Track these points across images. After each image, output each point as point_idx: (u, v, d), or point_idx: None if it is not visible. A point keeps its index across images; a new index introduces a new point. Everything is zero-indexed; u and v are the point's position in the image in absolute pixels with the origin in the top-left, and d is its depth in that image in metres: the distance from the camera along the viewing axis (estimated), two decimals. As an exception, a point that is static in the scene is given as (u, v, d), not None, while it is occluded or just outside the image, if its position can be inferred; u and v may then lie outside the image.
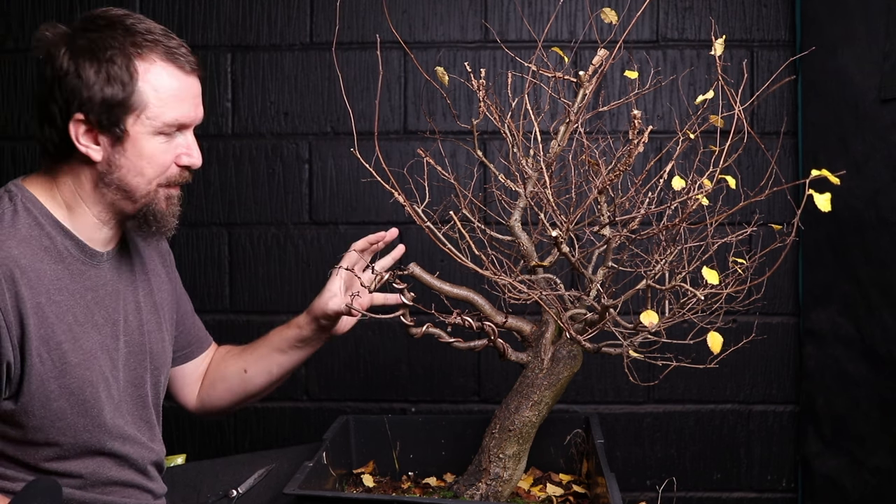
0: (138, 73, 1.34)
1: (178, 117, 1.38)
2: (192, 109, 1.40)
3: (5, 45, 2.33)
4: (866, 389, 1.92)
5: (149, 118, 1.35)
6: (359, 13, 2.31)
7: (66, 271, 1.36)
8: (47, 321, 1.32)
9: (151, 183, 1.38)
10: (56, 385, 1.33)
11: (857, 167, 1.90)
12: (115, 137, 1.35)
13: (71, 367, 1.34)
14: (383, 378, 2.33)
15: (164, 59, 1.37)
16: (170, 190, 1.42)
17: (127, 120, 1.34)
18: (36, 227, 1.35)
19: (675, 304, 1.41)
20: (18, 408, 1.31)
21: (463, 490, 1.55)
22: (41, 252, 1.34)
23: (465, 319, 1.48)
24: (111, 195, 1.38)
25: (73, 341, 1.35)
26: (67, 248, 1.38)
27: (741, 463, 2.31)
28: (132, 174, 1.37)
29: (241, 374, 1.70)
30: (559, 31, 2.30)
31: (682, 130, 1.48)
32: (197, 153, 1.42)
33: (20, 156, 2.34)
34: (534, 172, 1.53)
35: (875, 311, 1.87)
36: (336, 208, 2.33)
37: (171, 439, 2.33)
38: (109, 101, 1.32)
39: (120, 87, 1.33)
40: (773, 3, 2.27)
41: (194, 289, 2.30)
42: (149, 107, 1.35)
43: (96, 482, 1.41)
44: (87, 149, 1.35)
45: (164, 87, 1.36)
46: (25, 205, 1.36)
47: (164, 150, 1.38)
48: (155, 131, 1.36)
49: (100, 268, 1.43)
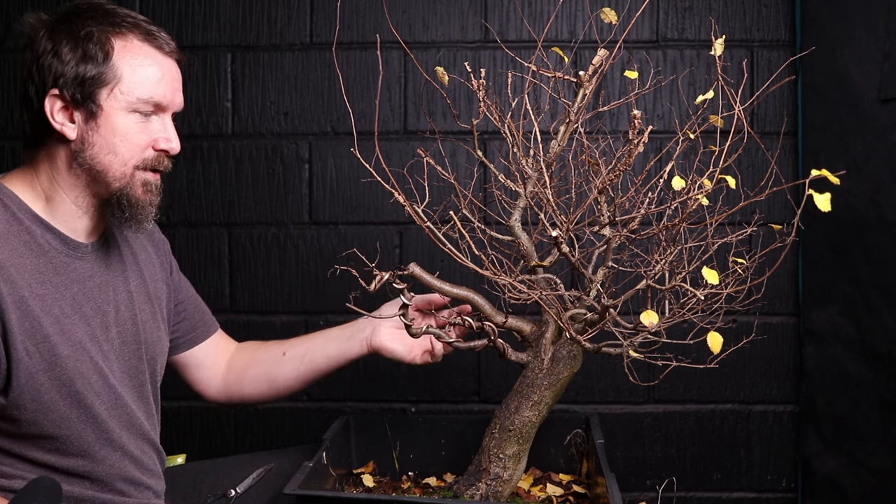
0: (114, 49, 1.35)
1: (152, 94, 1.38)
2: (169, 91, 1.40)
3: (5, 44, 2.33)
4: (866, 389, 1.92)
5: (122, 93, 1.35)
6: (359, 13, 2.32)
7: (48, 265, 1.36)
8: (32, 314, 1.31)
9: (127, 164, 1.38)
10: (46, 378, 1.33)
11: (857, 167, 1.90)
12: (88, 113, 1.35)
13: (61, 359, 1.34)
14: (383, 378, 2.33)
15: (142, 38, 1.38)
16: (147, 175, 1.40)
17: (101, 95, 1.35)
18: (14, 222, 1.35)
19: (675, 304, 1.41)
20: (10, 402, 1.31)
21: (463, 490, 1.55)
22: (21, 247, 1.34)
23: (465, 319, 1.48)
24: (85, 176, 1.38)
25: (61, 333, 1.35)
26: (48, 242, 1.37)
27: (741, 463, 2.31)
28: (105, 152, 1.36)
29: (280, 357, 1.72)
30: (559, 31, 2.30)
31: (682, 130, 1.49)
32: (175, 138, 1.41)
33: (20, 156, 2.33)
34: (534, 172, 1.53)
35: (875, 311, 1.87)
36: (336, 208, 2.33)
37: (172, 439, 2.34)
38: (83, 76, 1.33)
39: (94, 63, 1.34)
40: (773, 3, 2.27)
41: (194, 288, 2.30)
42: (122, 81, 1.35)
43: (96, 478, 1.42)
44: (63, 126, 1.36)
45: (139, 64, 1.37)
46: (3, 200, 1.36)
47: (139, 129, 1.38)
48: (129, 108, 1.36)
49: (84, 259, 1.42)
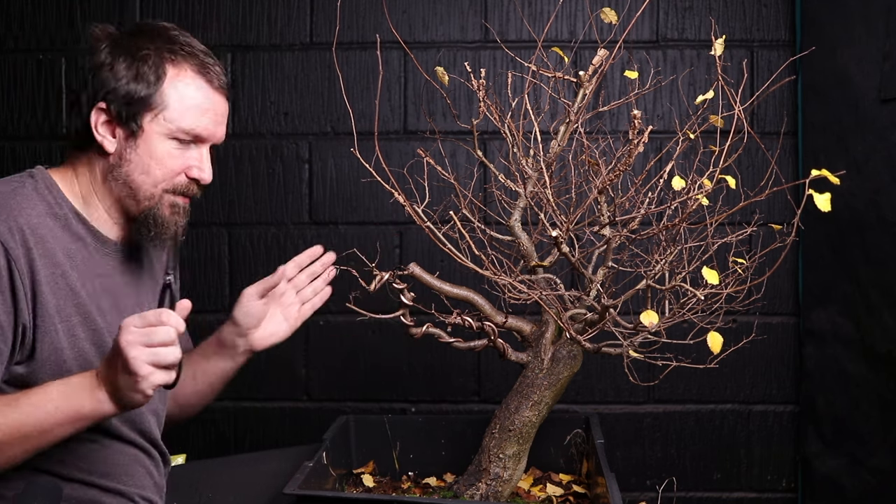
0: (167, 75, 1.39)
1: (194, 127, 1.41)
2: (212, 124, 1.43)
3: (5, 44, 2.34)
4: (866, 389, 1.92)
5: (166, 120, 1.39)
6: (359, 13, 2.31)
7: (78, 253, 1.40)
8: (60, 293, 1.35)
9: (157, 186, 1.41)
10: (68, 355, 1.36)
11: (857, 167, 1.90)
12: (130, 132, 1.39)
13: (80, 340, 1.37)
14: (383, 378, 2.33)
15: (196, 69, 1.42)
16: (175, 198, 1.43)
17: (145, 117, 1.39)
18: (56, 205, 1.40)
19: (675, 304, 1.41)
20: (29, 372, 1.33)
21: (463, 490, 1.55)
22: (58, 229, 1.38)
23: (465, 319, 1.48)
24: (118, 190, 1.41)
25: (82, 316, 1.38)
26: (81, 232, 1.42)
27: (741, 463, 2.31)
28: (138, 171, 1.40)
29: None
30: (559, 31, 2.30)
31: (682, 130, 1.49)
32: (209, 169, 1.45)
33: (20, 156, 2.34)
34: (534, 172, 1.53)
35: (875, 311, 1.87)
36: (336, 208, 2.33)
37: (172, 439, 2.33)
38: (132, 96, 1.38)
39: (145, 85, 1.38)
40: (773, 3, 2.27)
41: (194, 289, 2.30)
42: (168, 109, 1.39)
43: (98, 470, 1.42)
44: (103, 139, 1.40)
45: (188, 95, 1.40)
46: (46, 185, 1.41)
47: (175, 156, 1.41)
48: (169, 135, 1.40)
49: (110, 257, 1.46)
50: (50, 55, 2.32)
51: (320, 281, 1.64)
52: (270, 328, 1.60)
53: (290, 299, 1.61)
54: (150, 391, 1.22)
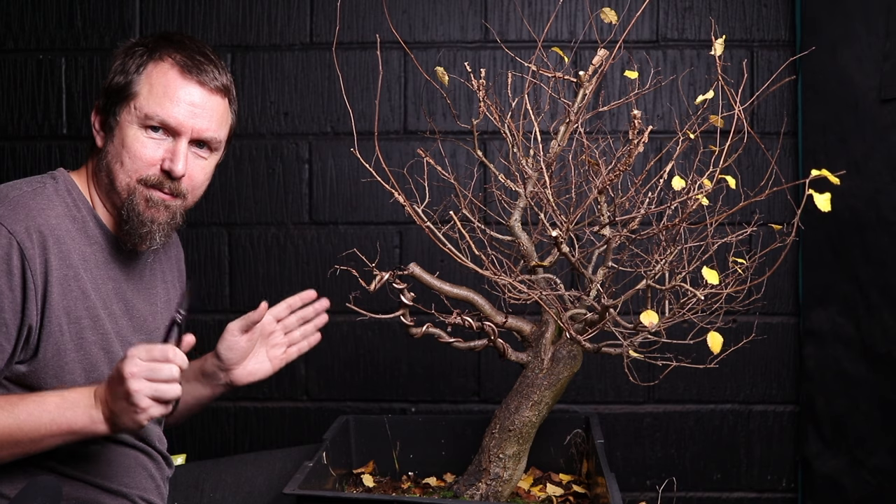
0: (145, 69, 1.42)
1: (159, 112, 1.39)
2: (185, 116, 1.41)
3: (5, 44, 2.33)
4: (866, 389, 1.92)
5: (136, 108, 1.40)
6: (359, 13, 2.31)
7: (93, 256, 1.42)
8: (71, 294, 1.36)
9: (130, 176, 1.40)
10: (72, 357, 1.36)
11: (857, 167, 1.90)
12: (111, 123, 1.42)
13: (88, 343, 1.38)
14: (383, 378, 2.33)
15: (177, 65, 1.42)
16: (150, 191, 1.41)
17: (122, 108, 1.41)
18: (74, 207, 1.41)
19: (675, 304, 1.41)
20: (30, 371, 1.34)
21: (463, 490, 1.55)
22: (75, 231, 1.40)
23: (465, 319, 1.48)
24: (104, 180, 1.43)
25: (92, 319, 1.39)
26: (97, 235, 1.43)
27: (741, 463, 2.31)
28: (114, 160, 1.41)
29: None
30: (559, 31, 2.30)
31: (682, 130, 1.48)
32: (180, 161, 1.41)
33: (20, 156, 2.34)
34: (534, 172, 1.53)
35: (875, 311, 1.87)
36: (336, 208, 2.33)
37: (172, 439, 2.33)
38: (113, 88, 1.42)
39: (124, 76, 1.41)
40: (773, 3, 2.27)
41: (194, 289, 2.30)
42: (139, 97, 1.41)
43: (97, 473, 1.42)
44: (97, 133, 1.44)
45: (158, 83, 1.41)
46: (67, 187, 1.43)
47: (147, 145, 1.40)
48: (139, 123, 1.40)
49: (122, 262, 1.47)
50: (50, 55, 2.32)
51: (311, 326, 1.64)
52: (252, 366, 1.59)
53: (278, 340, 1.61)
54: (146, 422, 1.25)
